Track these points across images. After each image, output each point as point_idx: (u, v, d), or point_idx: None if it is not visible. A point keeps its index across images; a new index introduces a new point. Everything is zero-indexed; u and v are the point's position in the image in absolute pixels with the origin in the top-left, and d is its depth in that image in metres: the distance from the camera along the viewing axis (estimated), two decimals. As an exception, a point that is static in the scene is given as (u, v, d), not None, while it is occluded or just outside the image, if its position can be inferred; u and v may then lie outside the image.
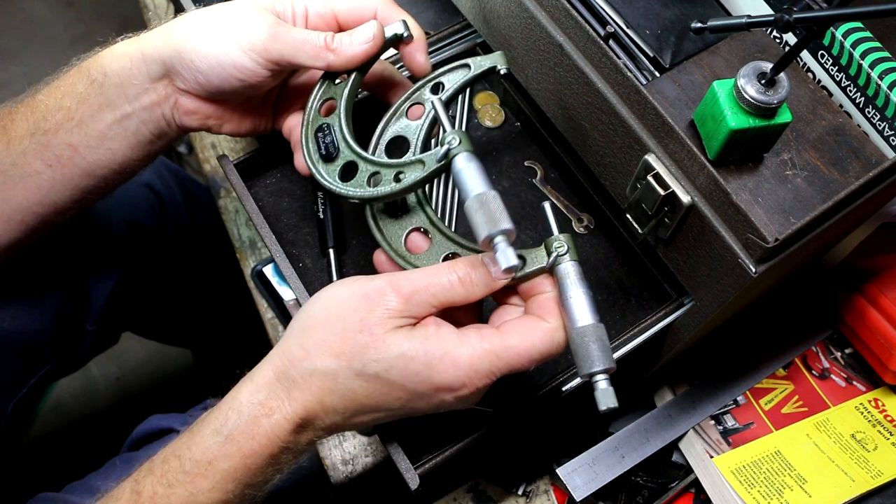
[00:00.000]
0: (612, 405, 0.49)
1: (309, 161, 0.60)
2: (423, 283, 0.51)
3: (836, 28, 0.58)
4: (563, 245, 0.52)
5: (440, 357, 0.49)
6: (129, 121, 0.61)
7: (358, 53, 0.59)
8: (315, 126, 0.61)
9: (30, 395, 0.84)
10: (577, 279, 0.52)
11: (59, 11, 2.04)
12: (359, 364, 0.50)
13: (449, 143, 0.53)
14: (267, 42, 0.57)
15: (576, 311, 0.51)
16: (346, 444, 0.81)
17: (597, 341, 0.50)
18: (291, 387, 0.51)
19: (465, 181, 0.52)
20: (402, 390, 0.50)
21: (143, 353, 1.59)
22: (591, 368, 0.50)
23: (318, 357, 0.50)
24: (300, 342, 0.51)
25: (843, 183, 0.57)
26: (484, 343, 0.50)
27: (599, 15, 0.62)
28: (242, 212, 0.95)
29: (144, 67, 0.59)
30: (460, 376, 0.50)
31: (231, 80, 0.58)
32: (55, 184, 0.62)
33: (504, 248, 0.49)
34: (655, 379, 0.79)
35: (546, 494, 0.78)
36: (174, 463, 0.51)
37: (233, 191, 0.68)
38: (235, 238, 0.94)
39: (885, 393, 0.79)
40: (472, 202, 0.51)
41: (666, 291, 0.67)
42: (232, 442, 0.50)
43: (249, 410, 0.51)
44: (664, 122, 0.53)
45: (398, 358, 0.49)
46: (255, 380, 0.52)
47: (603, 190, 0.67)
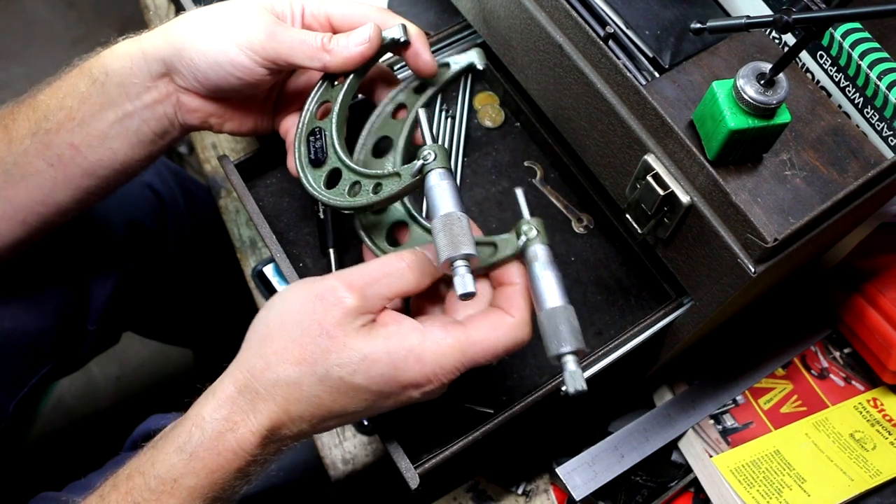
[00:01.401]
0: (581, 388, 0.48)
1: (298, 165, 0.61)
2: (374, 275, 0.51)
3: (834, 29, 0.58)
4: (532, 228, 0.53)
5: (404, 356, 0.49)
6: (130, 120, 0.61)
7: (354, 55, 0.59)
8: (309, 129, 0.62)
9: (31, 395, 0.84)
10: (547, 261, 0.52)
11: (61, 12, 2.04)
12: (321, 369, 0.49)
13: (424, 158, 0.53)
14: (264, 41, 0.57)
15: (545, 292, 0.51)
16: (347, 444, 0.81)
17: (565, 323, 0.50)
18: (255, 399, 0.50)
19: (434, 199, 0.52)
20: (368, 392, 0.50)
21: (144, 353, 1.59)
22: (560, 349, 0.49)
23: (280, 366, 0.49)
24: (259, 352, 0.50)
25: (842, 183, 0.57)
26: (448, 338, 0.50)
27: (599, 15, 0.62)
28: (243, 212, 0.95)
29: (145, 66, 0.59)
30: (426, 373, 0.50)
31: (229, 78, 0.59)
32: (57, 183, 0.62)
33: (463, 273, 0.49)
34: (655, 378, 0.79)
35: (546, 494, 0.78)
36: (139, 480, 0.50)
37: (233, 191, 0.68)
38: (236, 238, 0.94)
39: (884, 392, 0.80)
40: (437, 222, 0.51)
41: (665, 291, 0.67)
42: (197, 459, 0.49)
43: (213, 426, 0.50)
44: (663, 123, 0.54)
45: (361, 361, 0.49)
46: (217, 394, 0.51)
47: (603, 190, 0.68)
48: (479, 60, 0.65)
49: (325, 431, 0.54)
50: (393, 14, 0.63)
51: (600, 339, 0.67)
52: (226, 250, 0.98)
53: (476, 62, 0.65)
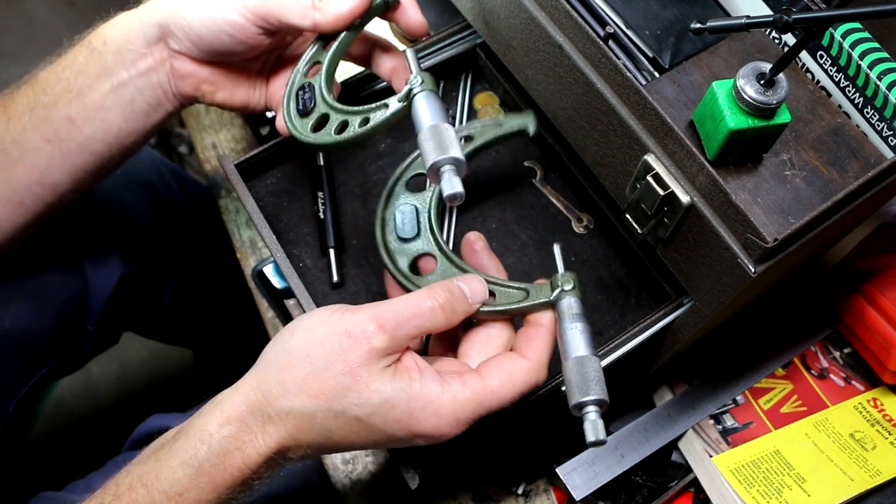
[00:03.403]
0: (602, 438, 0.48)
1: (287, 118, 0.62)
2: (405, 314, 0.50)
3: (834, 29, 0.58)
4: (569, 281, 0.53)
5: (422, 406, 0.49)
6: (125, 89, 0.62)
7: (343, 13, 0.60)
8: (298, 85, 0.63)
9: (31, 395, 0.84)
10: (579, 314, 0.53)
11: (61, 12, 2.04)
12: (339, 406, 0.49)
13: (411, 84, 0.54)
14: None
15: (573, 342, 0.51)
16: (347, 444, 0.81)
17: (594, 372, 0.50)
18: (266, 422, 0.49)
19: (419, 115, 0.53)
20: (380, 434, 0.50)
21: (144, 353, 1.59)
22: (584, 398, 0.49)
23: (297, 396, 0.49)
24: (277, 378, 0.50)
25: (842, 183, 0.57)
26: (466, 391, 0.50)
27: (599, 15, 0.62)
28: (243, 212, 0.95)
29: (141, 31, 0.61)
30: (441, 426, 0.49)
31: (222, 36, 0.60)
32: (53, 160, 0.63)
33: (450, 175, 0.50)
34: (655, 378, 0.79)
35: (546, 494, 0.78)
36: (141, 492, 0.50)
37: (233, 191, 0.68)
38: (236, 238, 0.94)
39: (884, 392, 0.80)
40: (424, 132, 0.52)
41: (665, 291, 0.67)
42: (203, 474, 0.49)
43: (221, 444, 0.49)
44: (663, 123, 0.54)
45: (381, 405, 0.48)
46: (226, 411, 0.50)
47: (602, 190, 0.68)
48: (531, 125, 0.65)
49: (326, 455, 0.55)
50: None
51: (600, 339, 0.67)
52: (226, 250, 0.98)
53: (529, 127, 0.65)
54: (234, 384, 0.52)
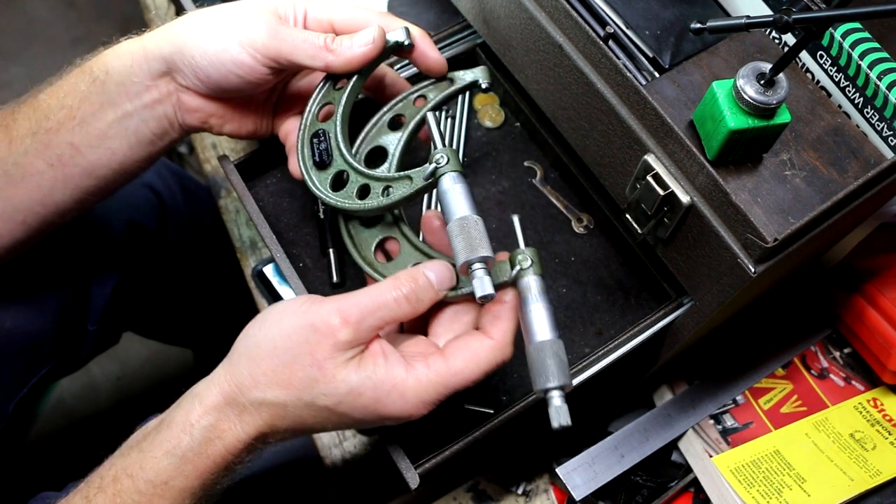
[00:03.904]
0: (566, 423, 0.49)
1: (302, 167, 0.61)
2: (369, 307, 0.51)
3: (834, 29, 0.58)
4: (527, 259, 0.52)
5: (388, 391, 0.50)
6: (129, 119, 0.61)
7: (357, 56, 0.59)
8: (311, 131, 0.61)
9: (31, 395, 0.84)
10: (539, 293, 0.52)
11: (61, 12, 2.04)
12: (308, 397, 0.51)
13: (437, 162, 0.54)
14: (266, 39, 0.57)
15: (535, 325, 0.51)
16: (347, 444, 0.81)
17: (553, 357, 0.50)
18: (242, 412, 0.51)
19: (449, 202, 0.52)
20: (350, 419, 0.52)
21: (144, 353, 1.59)
22: (546, 384, 0.49)
23: (268, 387, 0.51)
24: (248, 369, 0.51)
25: (842, 183, 0.57)
26: (430, 374, 0.51)
27: (599, 15, 0.62)
28: (243, 212, 0.95)
29: (146, 65, 0.60)
30: (407, 408, 0.51)
31: (230, 77, 0.59)
32: (56, 183, 0.62)
33: (481, 275, 0.50)
34: (655, 378, 0.79)
35: (546, 494, 0.78)
36: (127, 483, 0.51)
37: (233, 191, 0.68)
38: (236, 238, 0.94)
39: (884, 392, 0.80)
40: (454, 226, 0.51)
41: (665, 291, 0.67)
42: (187, 462, 0.51)
43: (202, 433, 0.51)
44: (663, 123, 0.54)
45: (348, 394, 0.50)
46: (205, 402, 0.52)
47: (603, 190, 0.68)
48: (483, 78, 0.64)
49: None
50: (395, 17, 0.63)
51: (600, 339, 0.67)
52: (226, 250, 0.98)
53: (480, 80, 0.64)
54: (210, 375, 0.53)
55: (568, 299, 0.69)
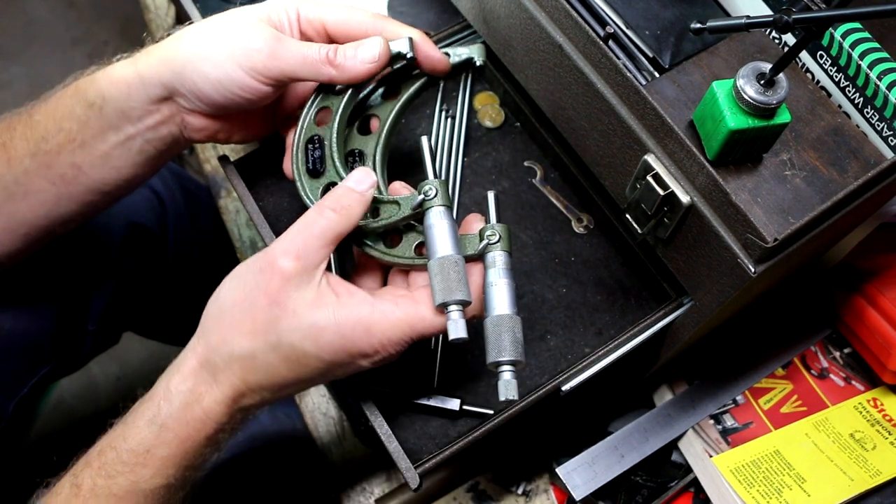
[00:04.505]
0: (513, 397, 0.51)
1: (295, 171, 0.60)
2: (304, 233, 0.52)
3: (834, 29, 0.58)
4: (495, 234, 0.54)
5: (352, 326, 0.51)
6: (133, 141, 0.61)
7: (361, 72, 0.59)
8: (308, 135, 0.61)
9: (31, 395, 0.84)
10: (503, 269, 0.54)
11: (61, 12, 2.04)
12: (273, 338, 0.51)
13: (426, 194, 0.54)
14: (267, 61, 0.57)
15: (495, 299, 0.53)
16: (346, 444, 0.81)
17: (509, 332, 0.51)
18: (216, 371, 0.53)
19: (433, 238, 0.53)
20: (319, 360, 0.52)
21: (144, 353, 1.59)
22: (499, 357, 0.51)
23: (234, 339, 0.52)
24: (216, 328, 0.53)
25: (842, 183, 0.57)
26: (397, 311, 0.52)
27: (599, 15, 0.62)
28: (243, 212, 0.95)
29: (144, 91, 0.59)
30: (373, 344, 0.51)
31: (235, 98, 0.59)
32: (60, 200, 0.62)
33: (456, 318, 0.51)
34: (655, 378, 0.79)
35: (546, 494, 0.78)
36: (111, 455, 0.53)
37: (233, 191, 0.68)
38: (236, 238, 0.94)
39: (884, 392, 0.80)
40: (435, 264, 0.52)
41: (665, 291, 0.67)
42: (167, 430, 0.52)
43: (180, 398, 0.52)
44: (663, 123, 0.54)
45: (310, 328, 0.51)
46: (182, 369, 0.53)
47: (603, 190, 0.68)
48: (479, 56, 0.64)
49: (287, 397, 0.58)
50: (391, 20, 0.62)
51: (600, 339, 0.67)
52: (226, 250, 0.98)
53: (476, 58, 0.64)
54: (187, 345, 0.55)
55: (568, 299, 0.69)
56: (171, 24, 1.08)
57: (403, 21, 0.86)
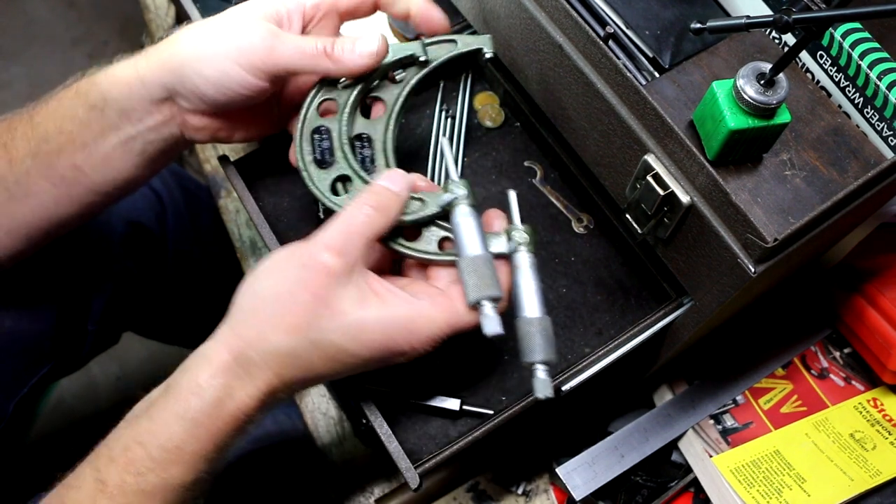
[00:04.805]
0: (549, 395, 0.52)
1: (301, 162, 0.60)
2: (348, 229, 0.52)
3: (834, 29, 0.58)
4: (523, 234, 0.55)
5: (395, 325, 0.52)
6: (134, 142, 0.61)
7: (358, 66, 0.59)
8: (312, 126, 0.61)
9: (31, 395, 0.84)
10: (531, 270, 0.54)
11: (61, 12, 2.04)
12: (315, 335, 0.51)
13: (454, 191, 0.55)
14: (264, 57, 0.57)
15: (525, 301, 0.54)
16: (346, 444, 0.81)
17: (542, 333, 0.53)
18: (250, 366, 0.51)
19: (462, 237, 0.54)
20: (358, 357, 0.52)
21: (144, 353, 1.59)
22: (533, 358, 0.53)
23: (274, 335, 0.51)
24: (253, 323, 0.52)
25: (842, 183, 0.57)
26: (436, 310, 0.53)
27: (599, 15, 0.62)
28: (243, 212, 0.95)
29: (145, 92, 0.59)
30: (414, 344, 0.52)
31: (234, 96, 0.59)
32: (61, 201, 0.62)
33: (491, 313, 0.52)
34: (655, 378, 0.79)
35: (546, 494, 0.78)
36: (138, 451, 0.51)
37: (233, 191, 0.68)
38: (236, 238, 0.94)
39: (884, 392, 0.80)
40: (465, 263, 0.53)
41: (665, 291, 0.67)
42: (199, 426, 0.51)
43: (212, 393, 0.51)
44: (663, 123, 0.54)
45: (354, 327, 0.51)
46: (212, 362, 0.52)
47: (602, 190, 0.68)
48: (488, 47, 0.63)
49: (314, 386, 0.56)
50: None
51: (600, 339, 0.67)
52: (226, 250, 0.98)
53: (486, 48, 0.63)
54: (214, 335, 0.53)
55: (568, 299, 0.69)
56: (171, 24, 1.08)
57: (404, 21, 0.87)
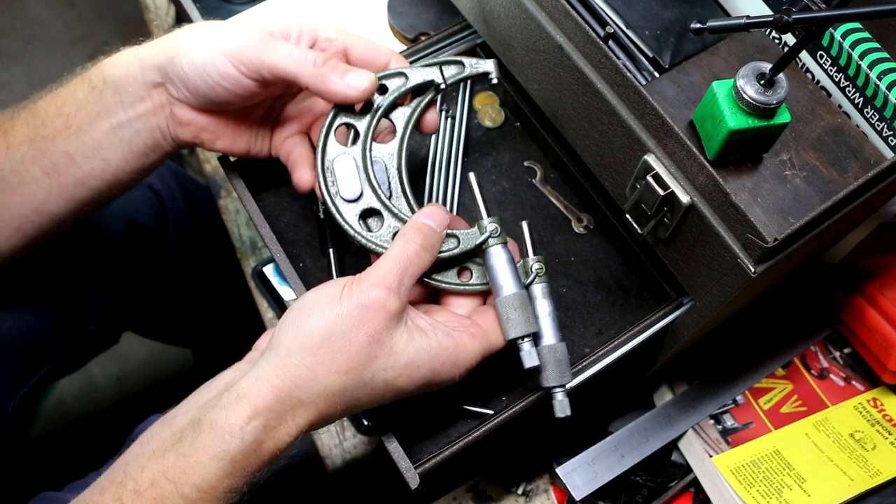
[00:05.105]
0: (568, 413, 0.57)
1: (326, 194, 0.60)
2: (399, 269, 0.53)
3: (834, 29, 0.58)
4: (539, 266, 0.58)
5: (442, 361, 0.53)
6: (123, 129, 0.61)
7: (341, 95, 0.58)
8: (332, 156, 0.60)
9: (31, 395, 0.84)
10: (547, 300, 0.58)
11: (60, 12, 2.04)
12: (368, 375, 0.52)
13: (490, 232, 0.57)
14: (251, 51, 0.57)
15: (544, 329, 0.57)
16: (347, 444, 0.81)
17: (558, 360, 0.57)
18: (297, 406, 0.51)
19: (498, 276, 0.56)
20: (404, 393, 0.54)
21: (144, 353, 1.59)
22: (549, 383, 0.57)
23: (327, 377, 0.51)
24: (303, 362, 0.51)
25: (842, 183, 0.57)
26: (475, 344, 0.55)
27: (599, 15, 0.62)
28: (243, 211, 0.95)
29: (140, 74, 0.60)
30: (453, 374, 0.54)
31: (217, 88, 0.59)
32: (51, 192, 0.63)
33: (529, 349, 0.55)
34: (655, 378, 0.79)
35: (546, 494, 0.78)
36: (168, 487, 0.50)
37: (233, 191, 0.68)
38: (236, 238, 0.94)
39: (884, 392, 0.80)
40: (504, 302, 0.56)
41: (665, 291, 0.67)
42: (236, 465, 0.50)
43: (252, 435, 0.50)
44: (664, 123, 0.54)
45: (407, 366, 0.52)
46: (254, 403, 0.50)
47: (603, 190, 0.68)
48: (495, 72, 0.64)
49: None
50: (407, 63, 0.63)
51: (600, 339, 0.67)
52: (226, 250, 0.98)
53: (493, 73, 0.64)
54: (254, 371, 0.52)
55: (568, 299, 0.69)
56: (171, 24, 1.08)
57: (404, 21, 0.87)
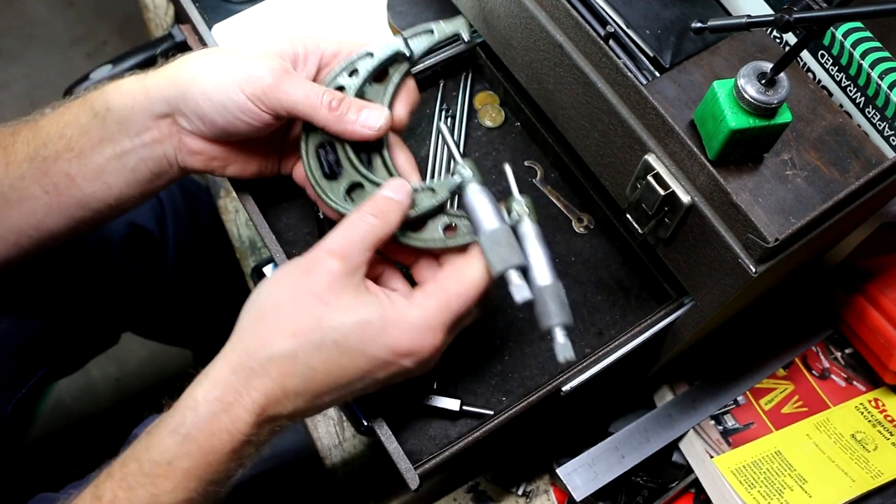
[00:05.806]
0: (571, 357, 0.52)
1: (311, 179, 0.60)
2: (348, 235, 0.53)
3: (836, 28, 0.58)
4: (522, 206, 0.55)
5: (395, 320, 0.52)
6: (128, 157, 0.60)
7: (357, 134, 0.59)
8: (316, 142, 0.61)
9: (30, 396, 0.84)
10: (537, 239, 0.55)
11: (60, 12, 2.04)
12: (317, 337, 0.51)
13: (461, 174, 0.56)
14: (269, 90, 0.57)
15: (536, 269, 0.54)
16: (346, 444, 0.81)
17: (556, 298, 0.53)
18: (250, 376, 0.51)
19: (478, 215, 0.55)
20: (362, 357, 0.52)
21: (143, 354, 1.59)
22: (550, 322, 0.52)
23: (275, 341, 0.51)
24: (254, 332, 0.52)
25: (844, 183, 0.57)
26: (430, 299, 0.53)
27: (599, 15, 0.62)
28: (242, 211, 0.95)
29: (148, 105, 0.59)
30: (416, 338, 0.52)
31: (236, 122, 0.58)
32: (51, 210, 0.62)
33: (518, 282, 0.52)
34: (655, 379, 0.79)
35: (546, 494, 0.78)
36: (133, 466, 0.51)
37: (233, 191, 0.68)
38: (235, 238, 0.94)
39: (886, 393, 0.79)
40: (486, 239, 0.54)
41: (666, 291, 0.67)
42: (191, 440, 0.50)
43: (207, 407, 0.51)
44: (664, 122, 0.53)
45: (355, 324, 0.51)
46: (211, 376, 0.52)
47: (603, 190, 0.67)
48: (464, 30, 0.64)
49: (321, 411, 0.56)
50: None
51: (600, 339, 0.67)
52: (226, 250, 0.98)
53: (462, 32, 0.64)
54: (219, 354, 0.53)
55: (568, 299, 0.69)
56: (171, 23, 1.08)
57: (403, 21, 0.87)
